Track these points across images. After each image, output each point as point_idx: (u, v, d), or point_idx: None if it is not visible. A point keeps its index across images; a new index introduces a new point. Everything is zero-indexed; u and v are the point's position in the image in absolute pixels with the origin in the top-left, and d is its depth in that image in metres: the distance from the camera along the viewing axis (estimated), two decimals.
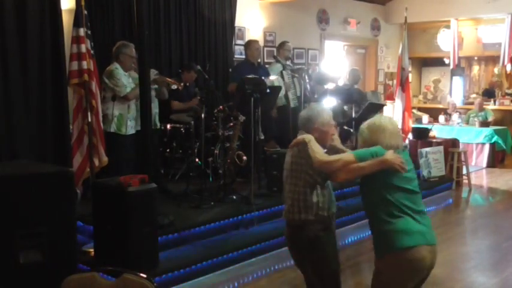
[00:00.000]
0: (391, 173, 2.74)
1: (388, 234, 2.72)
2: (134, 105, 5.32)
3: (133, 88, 5.22)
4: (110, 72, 5.20)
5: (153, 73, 5.51)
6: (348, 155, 2.85)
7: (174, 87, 5.74)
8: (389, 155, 2.74)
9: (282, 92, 6.73)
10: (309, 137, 2.95)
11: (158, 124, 5.96)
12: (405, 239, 2.67)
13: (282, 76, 6.88)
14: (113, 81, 5.18)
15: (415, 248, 2.67)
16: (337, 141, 3.21)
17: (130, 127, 5.33)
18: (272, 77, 6.75)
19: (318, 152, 2.87)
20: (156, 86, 5.72)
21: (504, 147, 9.81)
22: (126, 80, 5.28)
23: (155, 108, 5.84)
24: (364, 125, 2.94)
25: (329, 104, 6.65)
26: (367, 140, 2.88)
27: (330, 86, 7.90)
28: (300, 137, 3.01)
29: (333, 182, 3.01)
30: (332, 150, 3.10)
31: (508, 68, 10.74)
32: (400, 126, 9.19)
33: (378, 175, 2.75)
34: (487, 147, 9.78)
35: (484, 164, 9.77)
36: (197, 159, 5.88)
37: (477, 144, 9.85)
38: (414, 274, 2.73)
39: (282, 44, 7.42)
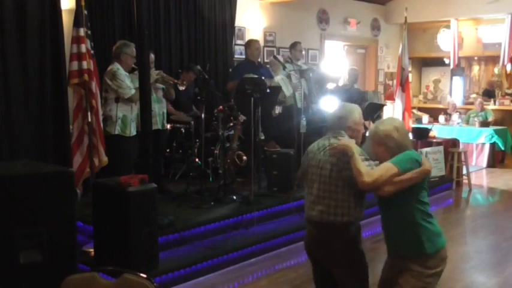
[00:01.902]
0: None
1: (428, 235, 2.78)
2: (136, 106, 5.30)
3: (138, 90, 5.18)
4: (112, 73, 5.15)
5: (155, 72, 5.49)
6: (391, 168, 2.74)
7: (182, 88, 5.73)
8: (427, 164, 2.77)
9: (290, 92, 6.74)
10: (351, 148, 2.81)
11: (166, 124, 5.95)
12: (441, 240, 2.83)
13: (289, 77, 6.88)
14: (116, 82, 5.12)
15: (445, 248, 2.85)
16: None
17: (133, 128, 5.31)
18: (277, 78, 6.75)
19: (362, 169, 2.75)
20: (163, 86, 5.71)
21: (503, 148, 9.81)
22: (129, 81, 5.26)
23: (163, 109, 5.84)
24: (389, 126, 2.84)
25: (329, 104, 6.63)
26: (400, 142, 2.82)
27: (330, 86, 7.90)
28: (341, 143, 2.87)
29: (379, 195, 2.87)
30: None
31: (508, 68, 10.73)
32: None
33: None
34: (487, 147, 9.79)
35: (484, 164, 9.78)
36: (197, 159, 5.88)
37: (477, 144, 9.85)
38: (442, 273, 2.84)
39: (294, 45, 7.40)
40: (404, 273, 2.80)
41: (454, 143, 8.81)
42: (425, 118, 10.76)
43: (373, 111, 7.35)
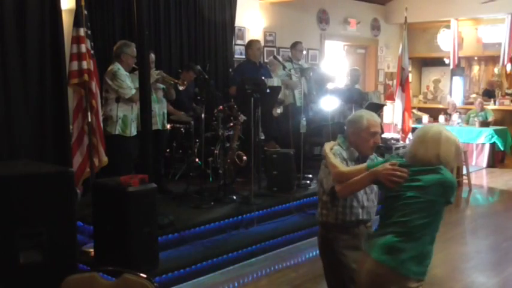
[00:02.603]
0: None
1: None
2: (136, 106, 5.30)
3: (138, 90, 5.18)
4: (112, 73, 5.14)
5: (155, 72, 5.49)
6: (361, 166, 2.76)
7: (181, 88, 5.73)
8: (384, 167, 2.62)
9: (289, 90, 6.74)
10: (328, 148, 2.93)
11: (166, 125, 5.95)
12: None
13: (289, 76, 6.89)
14: (117, 82, 5.12)
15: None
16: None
17: (134, 128, 5.31)
18: (274, 80, 6.75)
19: (334, 161, 2.82)
20: (163, 86, 5.71)
21: (502, 148, 9.80)
22: (129, 81, 5.26)
23: (163, 109, 5.84)
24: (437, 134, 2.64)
25: (330, 104, 6.64)
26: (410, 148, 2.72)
27: (330, 86, 7.90)
28: (325, 147, 2.98)
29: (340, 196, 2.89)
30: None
31: (508, 68, 10.74)
32: (400, 126, 9.20)
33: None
34: (487, 147, 9.79)
35: (484, 164, 9.78)
36: (197, 159, 5.88)
37: (477, 144, 9.85)
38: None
39: (295, 45, 7.40)
40: None
41: None
42: (425, 118, 10.76)
43: (373, 111, 7.33)
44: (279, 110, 6.85)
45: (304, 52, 7.91)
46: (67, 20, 5.29)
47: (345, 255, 2.97)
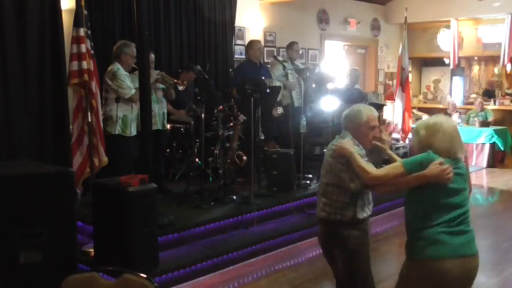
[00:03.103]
0: (435, 186, 2.65)
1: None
2: (136, 106, 5.30)
3: (138, 90, 5.18)
4: (112, 73, 5.15)
5: (155, 72, 5.49)
6: (397, 167, 2.73)
7: (181, 88, 5.73)
8: (432, 170, 2.61)
9: (286, 91, 6.73)
10: (348, 149, 2.85)
11: (166, 125, 5.95)
12: (431, 249, 2.65)
13: (286, 76, 6.88)
14: (117, 82, 5.12)
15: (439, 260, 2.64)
16: (387, 144, 3.16)
17: (134, 128, 5.31)
18: (277, 83, 6.75)
19: (364, 165, 2.78)
20: (163, 86, 5.71)
21: (502, 148, 9.80)
22: (129, 81, 5.26)
23: (163, 109, 5.84)
24: (422, 123, 2.82)
25: (330, 104, 6.64)
26: (422, 141, 2.73)
27: (330, 86, 7.90)
28: (338, 145, 2.92)
29: (375, 193, 2.98)
30: (373, 152, 3.07)
31: (508, 68, 10.73)
32: (400, 126, 9.20)
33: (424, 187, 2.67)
34: (487, 147, 9.78)
35: (484, 164, 9.77)
36: (197, 159, 5.88)
37: (477, 144, 9.85)
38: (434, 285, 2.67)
39: (291, 45, 7.40)
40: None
41: None
42: (425, 118, 10.74)
43: None
44: (279, 110, 6.85)
45: (301, 52, 7.90)
46: (67, 20, 5.29)
47: (360, 251, 2.99)
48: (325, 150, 3.25)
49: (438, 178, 2.61)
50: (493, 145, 9.75)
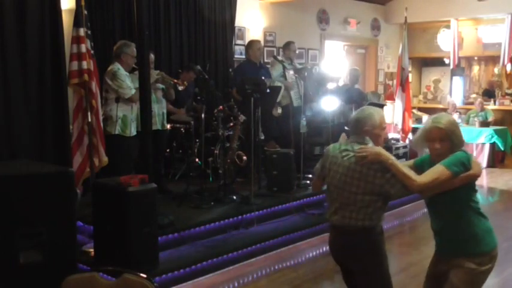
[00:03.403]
0: None
1: (483, 234, 2.83)
2: (136, 106, 5.30)
3: (138, 90, 5.18)
4: (112, 73, 5.15)
5: (155, 72, 5.49)
6: (443, 171, 2.67)
7: (181, 88, 5.73)
8: (476, 168, 2.72)
9: (285, 91, 6.74)
10: (386, 155, 2.76)
11: (166, 125, 5.95)
12: (494, 238, 2.89)
13: (284, 76, 6.88)
14: (117, 82, 5.12)
15: (497, 246, 2.89)
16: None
17: (134, 128, 5.31)
18: (278, 83, 6.75)
19: (408, 173, 2.71)
20: (162, 86, 5.71)
21: (502, 148, 9.80)
22: (129, 81, 5.26)
23: (163, 109, 5.84)
24: (448, 121, 2.78)
25: (331, 104, 6.64)
26: (461, 139, 2.79)
27: (330, 86, 7.90)
28: (370, 152, 2.79)
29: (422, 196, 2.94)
30: None
31: (508, 68, 10.73)
32: (400, 126, 9.20)
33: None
34: (487, 147, 9.78)
35: (484, 164, 9.76)
36: (197, 159, 5.88)
37: (477, 144, 9.84)
38: (493, 266, 2.86)
39: (288, 44, 7.40)
40: (456, 269, 2.80)
41: None
42: (425, 118, 10.72)
43: None
44: (279, 110, 6.85)
45: (298, 52, 7.89)
46: (67, 20, 5.29)
47: (385, 256, 2.95)
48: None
49: (480, 174, 2.74)
50: (493, 145, 9.75)
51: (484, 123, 9.95)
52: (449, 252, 2.87)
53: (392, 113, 9.72)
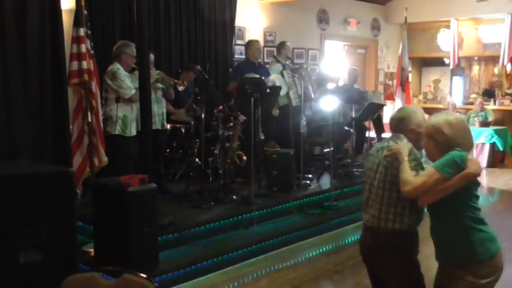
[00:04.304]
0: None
1: (480, 241, 2.64)
2: (136, 106, 5.30)
3: (138, 90, 5.17)
4: (112, 73, 5.16)
5: (155, 72, 5.49)
6: (433, 174, 2.58)
7: (181, 88, 5.73)
8: (472, 167, 2.57)
9: (284, 91, 6.73)
10: (402, 155, 2.72)
11: (166, 124, 5.95)
12: (495, 246, 2.68)
13: (282, 76, 6.88)
14: (117, 82, 5.13)
15: (499, 254, 2.68)
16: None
17: (134, 128, 5.32)
18: (272, 76, 6.74)
19: (404, 178, 2.66)
20: (162, 86, 5.71)
21: (502, 148, 9.80)
22: (129, 81, 5.26)
23: (163, 109, 5.84)
24: (441, 121, 2.67)
25: (331, 104, 6.64)
26: (450, 139, 2.63)
27: (330, 85, 7.90)
28: (396, 147, 2.77)
29: (420, 205, 2.76)
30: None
31: (508, 68, 10.73)
32: None
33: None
34: (487, 147, 9.78)
35: (484, 164, 9.76)
36: (197, 159, 5.88)
37: (477, 144, 9.84)
38: (495, 283, 2.68)
39: (282, 44, 7.42)
40: (456, 281, 2.65)
41: None
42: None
43: (373, 111, 7.35)
44: (279, 110, 6.85)
45: (296, 52, 7.88)
46: (67, 20, 5.29)
47: (418, 261, 2.89)
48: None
49: (478, 173, 2.59)
50: (493, 145, 9.75)
51: (484, 123, 9.95)
52: (442, 257, 2.77)
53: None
